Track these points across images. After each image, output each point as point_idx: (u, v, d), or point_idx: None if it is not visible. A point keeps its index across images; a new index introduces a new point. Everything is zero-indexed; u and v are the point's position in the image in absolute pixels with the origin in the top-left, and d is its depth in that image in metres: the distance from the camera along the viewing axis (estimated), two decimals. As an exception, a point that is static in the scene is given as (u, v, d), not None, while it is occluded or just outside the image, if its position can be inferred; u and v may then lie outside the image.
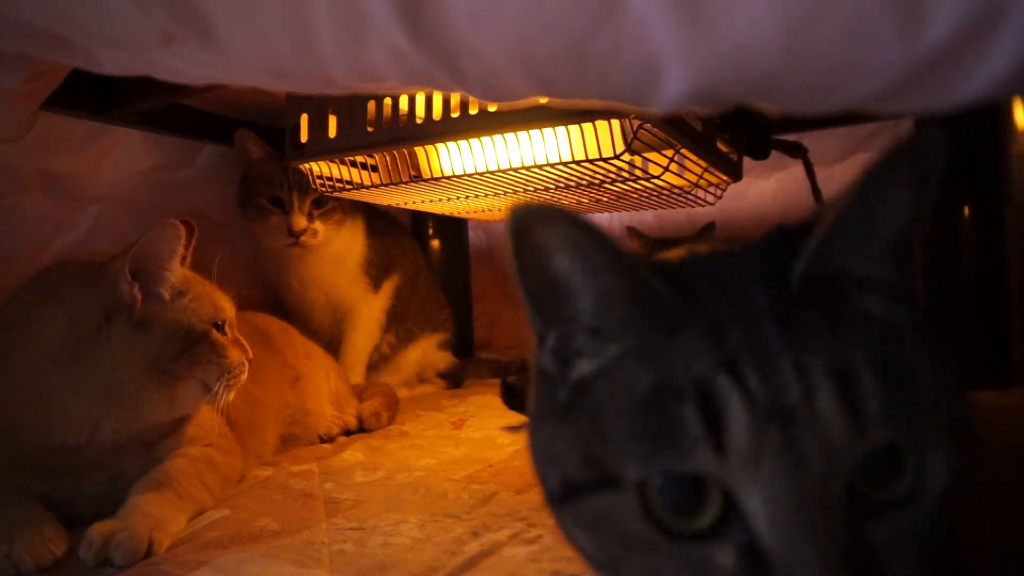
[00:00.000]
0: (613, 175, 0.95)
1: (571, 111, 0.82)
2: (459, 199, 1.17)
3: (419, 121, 0.92)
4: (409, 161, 1.05)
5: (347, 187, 1.10)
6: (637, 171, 0.95)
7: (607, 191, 1.05)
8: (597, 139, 0.86)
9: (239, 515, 0.79)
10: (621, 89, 0.38)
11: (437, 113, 0.92)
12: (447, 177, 1.01)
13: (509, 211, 0.32)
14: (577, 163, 0.90)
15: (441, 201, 1.20)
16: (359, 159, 1.07)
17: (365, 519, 0.76)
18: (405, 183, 1.05)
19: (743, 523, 0.29)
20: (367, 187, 1.09)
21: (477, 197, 1.14)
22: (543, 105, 0.81)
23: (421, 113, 0.92)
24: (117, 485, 0.76)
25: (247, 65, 0.48)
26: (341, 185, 1.10)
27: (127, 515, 0.70)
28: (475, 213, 1.36)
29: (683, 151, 0.95)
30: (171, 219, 0.76)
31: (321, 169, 1.08)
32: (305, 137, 1.01)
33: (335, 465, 1.01)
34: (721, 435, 0.29)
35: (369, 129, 0.96)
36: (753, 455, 0.29)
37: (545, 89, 0.41)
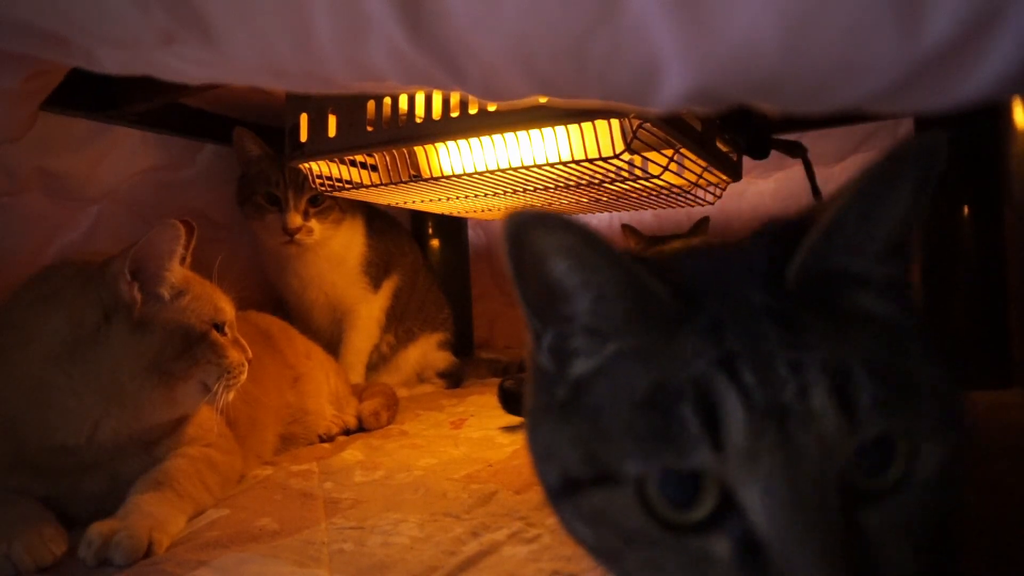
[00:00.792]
0: (613, 175, 0.95)
1: (571, 111, 0.82)
2: (459, 199, 1.17)
3: (419, 121, 0.92)
4: (409, 161, 1.05)
5: (347, 186, 1.10)
6: (637, 171, 0.95)
7: (607, 191, 1.06)
8: (597, 139, 0.86)
9: (239, 515, 0.79)
10: (621, 89, 0.38)
11: (437, 113, 0.92)
12: (447, 177, 1.02)
13: (505, 218, 0.32)
14: (577, 163, 0.90)
15: (441, 201, 1.20)
16: (359, 159, 1.07)
17: (365, 519, 0.76)
18: (405, 183, 1.05)
19: (739, 514, 0.30)
20: (367, 186, 1.09)
21: (477, 197, 1.14)
22: (543, 105, 0.81)
23: (421, 113, 0.92)
24: (117, 485, 0.76)
25: (247, 65, 0.48)
26: (341, 184, 1.10)
27: (127, 515, 0.70)
28: (475, 213, 1.36)
29: (683, 151, 0.95)
30: (171, 219, 0.76)
31: (321, 168, 1.08)
32: (305, 137, 1.01)
33: (335, 465, 1.01)
34: (719, 433, 0.30)
35: (369, 129, 0.96)
36: (750, 452, 0.29)
37: (545, 89, 0.41)
